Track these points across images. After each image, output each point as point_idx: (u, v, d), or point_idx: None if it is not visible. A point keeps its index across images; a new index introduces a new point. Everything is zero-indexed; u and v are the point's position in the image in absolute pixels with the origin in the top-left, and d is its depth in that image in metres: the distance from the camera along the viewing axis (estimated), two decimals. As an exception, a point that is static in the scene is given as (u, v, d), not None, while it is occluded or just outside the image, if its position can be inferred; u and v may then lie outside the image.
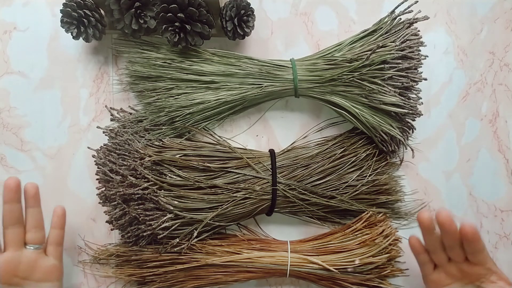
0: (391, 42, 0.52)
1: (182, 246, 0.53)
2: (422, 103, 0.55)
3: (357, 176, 0.56)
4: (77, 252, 0.60)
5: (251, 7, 0.55)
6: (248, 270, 0.54)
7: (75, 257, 0.60)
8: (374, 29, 0.55)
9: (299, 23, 0.61)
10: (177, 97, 0.55)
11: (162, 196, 0.51)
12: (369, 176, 0.56)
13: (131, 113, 0.60)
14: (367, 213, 0.56)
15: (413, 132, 0.58)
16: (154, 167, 0.52)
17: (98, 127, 0.59)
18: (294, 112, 0.61)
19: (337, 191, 0.55)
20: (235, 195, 0.53)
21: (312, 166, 0.56)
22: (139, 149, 0.53)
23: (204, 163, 0.53)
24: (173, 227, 0.52)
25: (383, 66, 0.52)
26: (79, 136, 0.61)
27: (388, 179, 0.58)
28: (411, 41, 0.53)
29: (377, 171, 0.57)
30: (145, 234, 0.52)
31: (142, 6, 0.53)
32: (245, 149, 0.58)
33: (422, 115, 0.56)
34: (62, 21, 0.54)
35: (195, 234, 0.53)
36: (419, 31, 0.54)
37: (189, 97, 0.55)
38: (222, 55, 0.56)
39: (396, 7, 0.54)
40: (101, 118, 0.61)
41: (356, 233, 0.56)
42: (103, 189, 0.55)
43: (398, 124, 0.55)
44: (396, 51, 0.52)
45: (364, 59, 0.52)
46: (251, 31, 0.55)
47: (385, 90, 0.52)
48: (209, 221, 0.52)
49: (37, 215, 0.51)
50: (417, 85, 0.54)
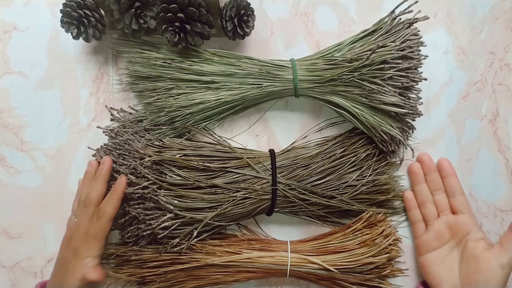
0: (391, 42, 0.52)
1: (182, 246, 0.53)
2: (422, 103, 0.55)
3: (357, 176, 0.56)
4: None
5: (251, 7, 0.55)
6: (248, 270, 0.54)
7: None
8: (374, 29, 0.55)
9: (299, 23, 0.61)
10: (177, 97, 0.55)
11: (162, 195, 0.51)
12: (369, 176, 0.56)
13: (131, 113, 0.60)
14: (367, 213, 0.56)
15: (413, 132, 0.58)
16: (154, 167, 0.52)
17: (98, 127, 0.59)
18: (294, 112, 0.61)
19: (337, 191, 0.55)
20: (235, 195, 0.53)
21: (312, 166, 0.56)
22: (139, 149, 0.53)
23: (204, 163, 0.53)
24: (173, 227, 0.52)
25: (383, 66, 0.52)
26: (79, 136, 0.61)
27: (388, 179, 0.58)
28: (411, 41, 0.53)
29: (377, 171, 0.57)
30: (145, 234, 0.52)
31: (142, 6, 0.53)
32: (245, 149, 0.58)
33: (422, 115, 0.56)
34: (62, 21, 0.54)
35: (195, 234, 0.53)
36: (419, 31, 0.54)
37: (189, 97, 0.55)
38: (222, 55, 0.56)
39: (396, 7, 0.54)
40: (101, 118, 0.61)
41: (356, 233, 0.56)
42: (103, 189, 0.55)
43: (398, 124, 0.55)
44: (396, 51, 0.52)
45: (364, 59, 0.52)
46: (251, 31, 0.55)
47: (385, 90, 0.52)
48: (209, 221, 0.52)
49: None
50: (417, 85, 0.54)
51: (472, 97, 0.62)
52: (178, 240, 0.53)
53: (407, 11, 0.53)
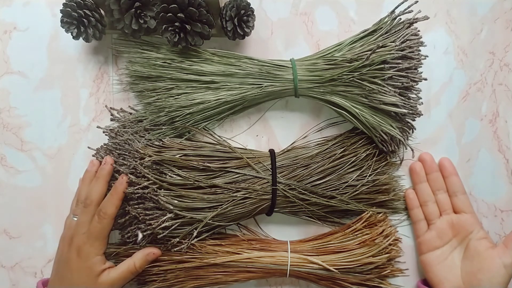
0: (391, 42, 0.52)
1: (182, 246, 0.53)
2: (422, 103, 0.55)
3: (357, 176, 0.56)
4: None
5: (251, 7, 0.55)
6: (248, 270, 0.54)
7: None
8: (374, 29, 0.55)
9: (299, 23, 0.61)
10: (177, 97, 0.55)
11: (162, 195, 0.51)
12: (369, 176, 0.56)
13: (131, 113, 0.60)
14: (367, 213, 0.56)
15: (413, 132, 0.58)
16: (154, 167, 0.52)
17: (98, 127, 0.59)
18: (294, 112, 0.61)
19: (337, 191, 0.55)
20: (235, 195, 0.53)
21: (312, 166, 0.56)
22: (139, 149, 0.53)
23: (204, 163, 0.53)
24: (173, 227, 0.52)
25: (383, 66, 0.52)
26: (79, 136, 0.61)
27: (388, 179, 0.58)
28: (411, 41, 0.53)
29: (377, 171, 0.57)
30: (145, 233, 0.52)
31: (142, 6, 0.53)
32: (245, 149, 0.58)
33: (422, 115, 0.56)
34: (62, 21, 0.54)
35: (195, 234, 0.53)
36: (419, 31, 0.54)
37: (189, 97, 0.55)
38: (222, 55, 0.56)
39: (396, 7, 0.54)
40: (101, 118, 0.61)
41: (356, 233, 0.56)
42: (103, 189, 0.55)
43: (398, 124, 0.55)
44: (396, 51, 0.52)
45: (364, 59, 0.52)
46: (251, 31, 0.55)
47: (385, 90, 0.52)
48: (209, 221, 0.52)
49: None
50: (417, 85, 0.54)
51: (472, 97, 0.62)
52: (178, 240, 0.53)
53: (407, 11, 0.53)
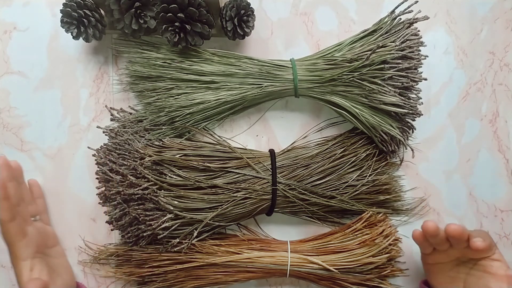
0: (391, 42, 0.52)
1: (182, 246, 0.53)
2: (422, 103, 0.55)
3: (357, 176, 0.56)
4: (77, 252, 0.60)
5: (251, 7, 0.55)
6: (248, 270, 0.54)
7: (75, 257, 0.60)
8: (374, 29, 0.55)
9: (299, 23, 0.61)
10: (177, 97, 0.55)
11: (162, 196, 0.51)
12: (369, 176, 0.56)
13: (131, 113, 0.60)
14: (367, 213, 0.56)
15: (413, 132, 0.58)
16: (154, 167, 0.52)
17: (98, 127, 0.59)
18: (294, 112, 0.61)
19: (337, 191, 0.55)
20: (235, 195, 0.53)
21: (312, 166, 0.56)
22: (139, 149, 0.53)
23: (204, 163, 0.53)
24: (173, 227, 0.52)
25: (383, 66, 0.52)
26: (79, 136, 0.61)
27: (388, 179, 0.58)
28: (411, 41, 0.53)
29: (377, 171, 0.57)
30: (145, 234, 0.52)
31: (142, 6, 0.53)
32: (245, 149, 0.58)
33: (422, 115, 0.56)
34: (62, 21, 0.54)
35: (195, 234, 0.53)
36: (419, 31, 0.54)
37: (189, 97, 0.55)
38: (222, 55, 0.56)
39: (396, 7, 0.54)
40: (101, 118, 0.61)
41: (356, 233, 0.56)
42: (103, 189, 0.54)
43: (398, 124, 0.55)
44: (396, 51, 0.52)
45: (364, 59, 0.52)
46: (251, 31, 0.55)
47: (385, 90, 0.52)
48: (209, 221, 0.52)
49: (25, 189, 0.56)
50: (417, 85, 0.54)
51: (472, 97, 0.62)
52: (178, 240, 0.53)
53: (407, 11, 0.53)
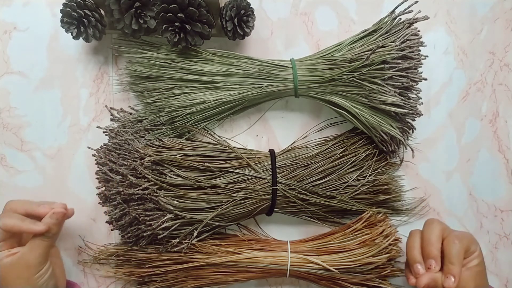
0: (391, 42, 0.52)
1: (182, 246, 0.53)
2: (422, 103, 0.55)
3: (357, 176, 0.56)
4: (77, 252, 0.60)
5: (251, 7, 0.55)
6: (248, 270, 0.54)
7: (75, 257, 0.60)
8: (374, 29, 0.54)
9: (299, 23, 0.61)
10: (177, 97, 0.55)
11: (162, 196, 0.51)
12: (369, 176, 0.56)
13: (131, 113, 0.60)
14: (367, 213, 0.56)
15: (413, 132, 0.58)
16: (154, 167, 0.52)
17: (98, 127, 0.59)
18: (294, 112, 0.61)
19: (337, 191, 0.55)
20: (235, 195, 0.53)
21: (312, 166, 0.56)
22: (139, 149, 0.53)
23: (204, 163, 0.53)
24: (173, 227, 0.52)
25: (383, 66, 0.52)
26: (79, 136, 0.61)
27: (388, 179, 0.58)
28: (411, 41, 0.53)
29: (377, 171, 0.57)
30: (145, 234, 0.52)
31: (142, 6, 0.53)
32: (245, 149, 0.58)
33: (422, 115, 0.56)
34: (62, 21, 0.54)
35: (195, 234, 0.53)
36: (419, 31, 0.54)
37: (189, 97, 0.55)
38: (222, 55, 0.56)
39: (396, 7, 0.54)
40: (101, 118, 0.61)
41: (356, 233, 0.56)
42: (103, 189, 0.55)
43: (398, 124, 0.55)
44: (396, 51, 0.52)
45: (364, 59, 0.52)
46: (251, 31, 0.55)
47: (385, 90, 0.52)
48: (209, 221, 0.52)
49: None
50: (417, 85, 0.54)
51: (472, 97, 0.62)
52: (178, 240, 0.53)
53: (407, 11, 0.53)
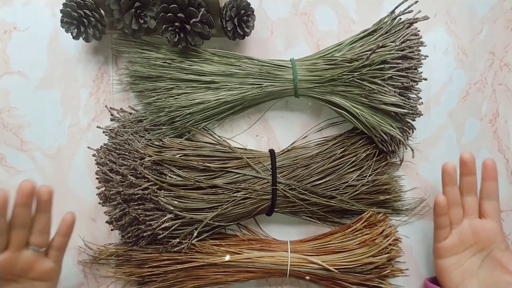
0: (391, 42, 0.52)
1: (182, 246, 0.53)
2: (422, 103, 0.55)
3: (357, 176, 0.56)
4: (77, 252, 0.60)
5: (251, 7, 0.55)
6: (248, 270, 0.54)
7: (75, 257, 0.60)
8: (374, 29, 0.55)
9: (299, 23, 0.61)
10: (177, 97, 0.55)
11: (162, 196, 0.51)
12: (369, 176, 0.56)
13: (131, 113, 0.60)
14: (367, 213, 0.56)
15: (413, 132, 0.58)
16: (154, 167, 0.52)
17: (98, 127, 0.59)
18: (294, 112, 0.61)
19: (337, 191, 0.56)
20: (235, 195, 0.53)
21: (312, 166, 0.56)
22: (139, 149, 0.53)
23: (204, 163, 0.53)
24: (173, 227, 0.52)
25: (383, 66, 0.52)
26: (79, 136, 0.61)
27: (388, 179, 0.58)
28: (411, 41, 0.53)
29: (377, 171, 0.57)
30: (145, 234, 0.52)
31: (142, 6, 0.53)
32: (245, 149, 0.58)
33: (422, 115, 0.56)
34: (62, 21, 0.54)
35: (195, 234, 0.53)
36: (419, 31, 0.54)
37: (189, 97, 0.55)
38: (222, 55, 0.56)
39: (396, 7, 0.54)
40: (101, 118, 0.61)
41: (356, 233, 0.56)
42: (103, 189, 0.55)
43: (398, 124, 0.55)
44: (396, 51, 0.52)
45: (364, 59, 0.52)
46: (251, 31, 0.55)
47: (385, 90, 0.52)
48: (209, 221, 0.52)
49: (45, 220, 0.50)
50: (417, 85, 0.54)
51: (472, 97, 0.62)
52: (178, 240, 0.53)
53: (407, 11, 0.53)
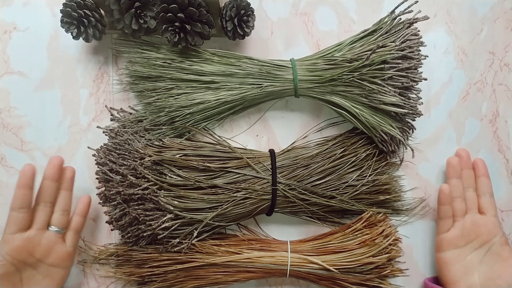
0: (391, 42, 0.52)
1: (182, 246, 0.53)
2: (422, 103, 0.55)
3: (357, 176, 0.56)
4: (77, 252, 0.60)
5: (251, 7, 0.55)
6: (248, 270, 0.54)
7: (75, 257, 0.60)
8: (374, 29, 0.55)
9: (299, 23, 0.61)
10: (177, 97, 0.55)
11: (162, 196, 0.51)
12: (369, 176, 0.56)
13: (131, 113, 0.60)
14: (367, 213, 0.56)
15: (413, 132, 0.58)
16: (154, 167, 0.52)
17: (98, 127, 0.59)
18: (294, 112, 0.61)
19: (337, 191, 0.56)
20: (235, 195, 0.53)
21: (312, 166, 0.56)
22: (139, 149, 0.53)
23: (204, 163, 0.53)
24: (173, 227, 0.52)
25: (383, 66, 0.52)
26: (79, 136, 0.61)
27: (388, 179, 0.58)
28: (411, 41, 0.53)
29: (377, 171, 0.57)
30: (145, 234, 0.52)
31: (142, 6, 0.53)
32: (245, 149, 0.58)
33: (422, 115, 0.56)
34: (62, 21, 0.54)
35: (195, 234, 0.53)
36: (419, 31, 0.54)
37: (189, 97, 0.55)
38: (222, 55, 0.56)
39: (396, 7, 0.54)
40: (101, 118, 0.61)
41: (356, 233, 0.56)
42: (103, 189, 0.55)
43: (398, 124, 0.55)
44: (396, 51, 0.52)
45: (364, 59, 0.52)
46: (251, 31, 0.55)
47: (385, 90, 0.52)
48: (209, 221, 0.52)
49: (67, 198, 0.54)
50: (417, 85, 0.54)
51: (472, 97, 0.62)
52: (178, 240, 0.53)
53: (407, 11, 0.53)
